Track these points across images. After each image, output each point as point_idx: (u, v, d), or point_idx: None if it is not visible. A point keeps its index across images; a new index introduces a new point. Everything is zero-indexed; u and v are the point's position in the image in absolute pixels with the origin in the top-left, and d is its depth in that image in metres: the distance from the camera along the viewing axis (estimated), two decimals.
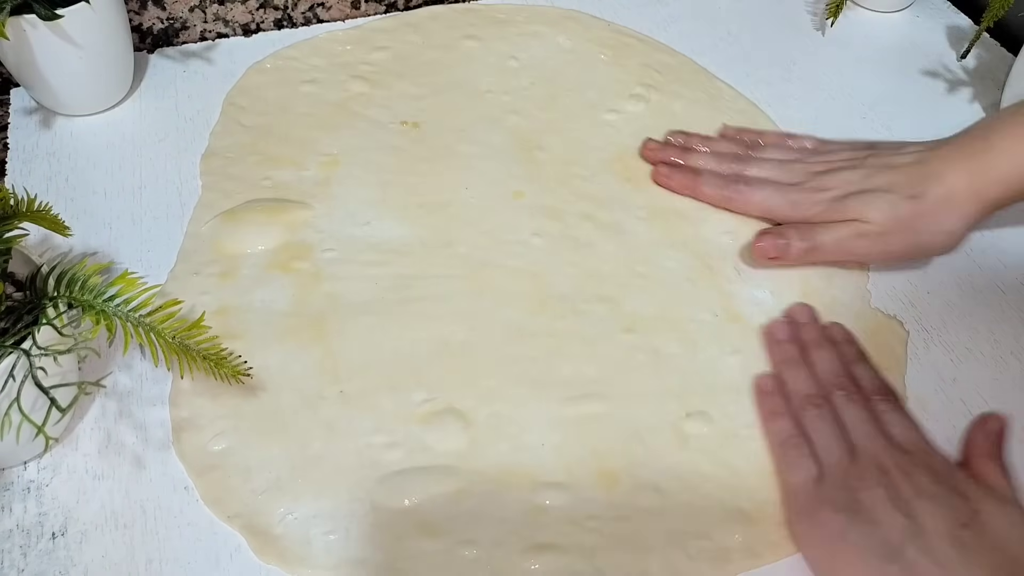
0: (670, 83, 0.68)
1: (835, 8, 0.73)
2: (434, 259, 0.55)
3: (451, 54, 0.69)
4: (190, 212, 0.56)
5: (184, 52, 0.68)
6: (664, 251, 0.56)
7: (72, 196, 0.57)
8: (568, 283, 0.54)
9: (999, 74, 0.71)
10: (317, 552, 0.42)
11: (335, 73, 0.67)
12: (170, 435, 0.46)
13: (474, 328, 0.51)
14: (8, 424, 0.39)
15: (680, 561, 0.42)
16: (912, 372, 0.51)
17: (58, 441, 0.45)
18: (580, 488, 0.45)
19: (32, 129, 0.61)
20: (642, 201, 0.59)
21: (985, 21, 0.68)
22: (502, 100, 0.66)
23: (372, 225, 0.56)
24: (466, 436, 0.46)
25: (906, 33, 0.76)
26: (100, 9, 0.56)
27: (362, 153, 0.61)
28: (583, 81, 0.68)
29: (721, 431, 0.48)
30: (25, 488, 0.43)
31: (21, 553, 0.41)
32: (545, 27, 0.72)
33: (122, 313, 0.41)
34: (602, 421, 0.47)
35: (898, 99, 0.69)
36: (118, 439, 0.45)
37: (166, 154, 0.60)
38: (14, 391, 0.39)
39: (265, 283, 0.52)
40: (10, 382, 0.38)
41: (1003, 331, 0.54)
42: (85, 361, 0.46)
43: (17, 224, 0.42)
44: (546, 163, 0.61)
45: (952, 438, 0.49)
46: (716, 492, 0.45)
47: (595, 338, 0.51)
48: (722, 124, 0.63)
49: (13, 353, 0.39)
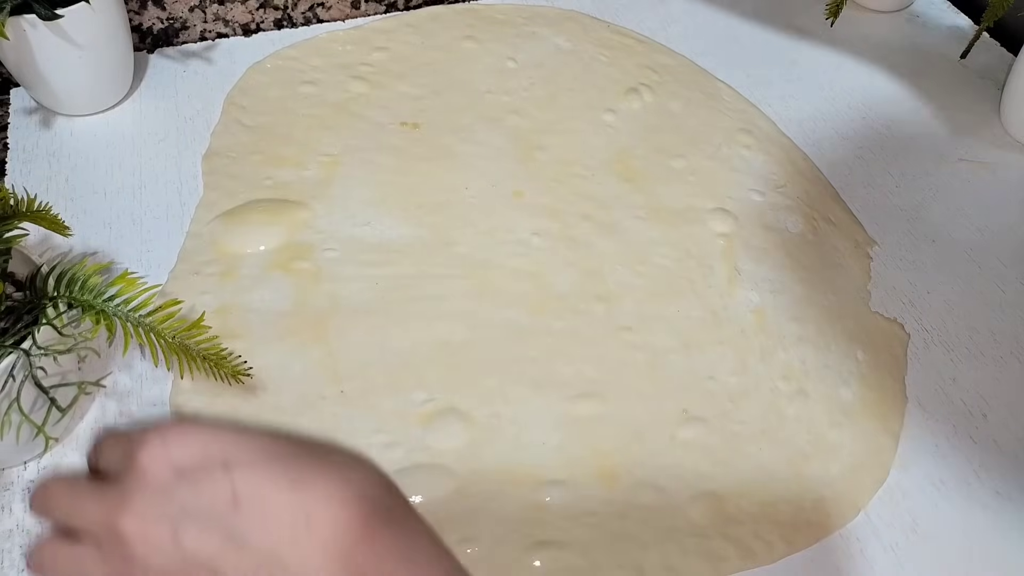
0: (669, 83, 0.68)
1: (835, 8, 0.73)
2: (434, 259, 0.55)
3: (451, 54, 0.69)
4: (190, 212, 0.56)
5: (184, 52, 0.68)
6: (663, 251, 0.56)
7: (72, 196, 0.57)
8: (567, 283, 0.54)
9: (999, 74, 0.71)
10: None
11: (335, 73, 0.67)
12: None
13: (474, 328, 0.51)
14: (8, 424, 0.39)
15: (676, 558, 0.43)
16: (912, 372, 0.51)
17: (58, 441, 0.45)
18: (580, 486, 0.45)
19: (32, 129, 0.61)
20: (641, 201, 0.59)
21: (985, 21, 0.68)
22: (502, 100, 0.66)
23: (372, 225, 0.56)
24: (466, 435, 0.46)
25: (906, 33, 0.76)
26: (100, 9, 0.56)
27: (362, 153, 0.61)
28: (582, 81, 0.68)
29: (719, 430, 0.48)
30: (25, 488, 0.43)
31: (21, 553, 0.41)
32: (545, 28, 0.72)
33: (122, 313, 0.41)
34: (602, 420, 0.48)
35: (898, 99, 0.69)
36: None
37: (166, 154, 0.60)
38: (14, 391, 0.38)
39: (265, 283, 0.52)
40: (10, 382, 0.38)
41: (1003, 331, 0.54)
42: (85, 361, 0.46)
43: (17, 224, 0.42)
44: (546, 163, 0.61)
45: (952, 438, 0.49)
46: (714, 491, 0.45)
47: (594, 337, 0.51)
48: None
49: (13, 353, 0.39)
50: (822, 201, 0.61)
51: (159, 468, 0.31)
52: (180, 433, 0.31)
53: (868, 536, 0.45)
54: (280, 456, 0.31)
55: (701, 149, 0.63)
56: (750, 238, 0.57)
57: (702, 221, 0.58)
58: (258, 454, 0.31)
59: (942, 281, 0.57)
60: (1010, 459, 0.48)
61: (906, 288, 0.56)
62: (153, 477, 0.31)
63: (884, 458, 0.48)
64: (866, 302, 0.55)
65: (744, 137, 0.65)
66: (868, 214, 0.60)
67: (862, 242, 0.59)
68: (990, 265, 0.58)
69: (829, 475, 0.47)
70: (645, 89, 0.67)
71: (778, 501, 0.45)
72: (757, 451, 0.47)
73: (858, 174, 0.63)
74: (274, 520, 0.30)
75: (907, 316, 0.54)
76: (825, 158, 0.64)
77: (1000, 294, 0.56)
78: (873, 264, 0.57)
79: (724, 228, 0.58)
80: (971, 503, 0.46)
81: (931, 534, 0.45)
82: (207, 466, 0.31)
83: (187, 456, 0.31)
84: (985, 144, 0.66)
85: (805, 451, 0.47)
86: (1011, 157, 0.65)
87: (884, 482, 0.47)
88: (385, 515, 0.31)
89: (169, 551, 0.30)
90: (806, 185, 0.62)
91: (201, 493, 0.30)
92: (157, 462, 0.31)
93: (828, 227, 0.59)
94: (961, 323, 0.54)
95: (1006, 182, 0.63)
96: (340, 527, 0.29)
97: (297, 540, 0.30)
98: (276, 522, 0.30)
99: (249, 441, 0.31)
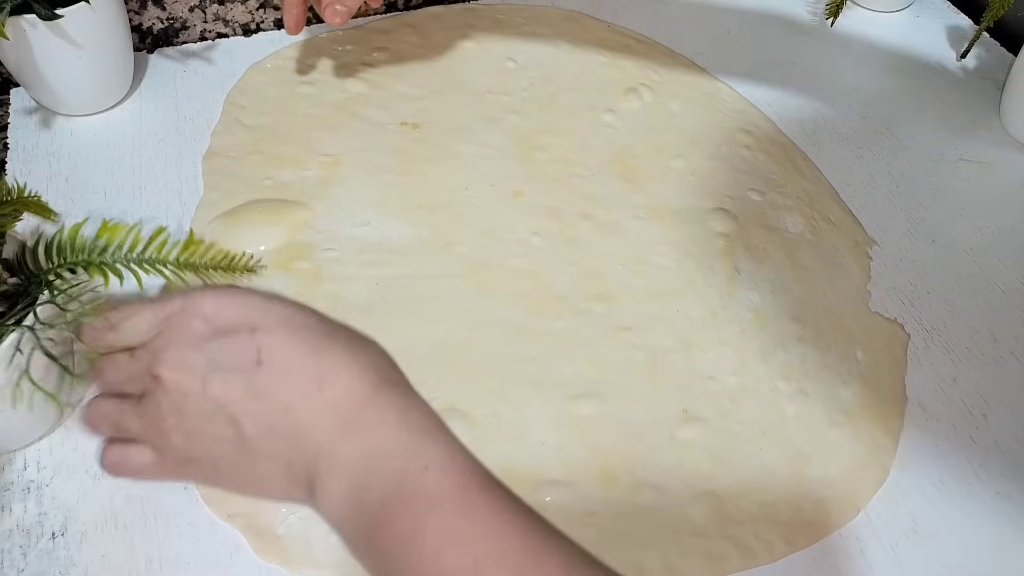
0: (669, 83, 0.68)
1: (835, 8, 0.73)
2: (434, 259, 0.55)
3: (451, 54, 0.69)
4: (190, 212, 0.56)
5: (184, 52, 0.68)
6: (663, 251, 0.56)
7: (72, 196, 0.57)
8: (567, 282, 0.54)
9: (999, 74, 0.71)
10: (319, 551, 0.42)
11: (335, 73, 0.67)
12: None
13: (474, 328, 0.51)
14: (20, 394, 0.39)
15: (676, 558, 0.43)
16: (912, 372, 0.51)
17: (72, 408, 0.45)
18: (580, 486, 0.45)
19: (32, 129, 0.61)
20: (641, 201, 0.59)
21: (985, 21, 0.68)
22: (502, 100, 0.66)
23: (372, 225, 0.56)
24: (466, 435, 0.46)
25: (906, 33, 0.76)
26: (100, 9, 0.56)
27: (362, 153, 0.61)
28: (582, 81, 0.68)
29: (719, 430, 0.48)
30: (25, 488, 0.43)
31: (21, 553, 0.41)
32: (545, 28, 0.72)
33: (121, 259, 0.41)
34: (602, 420, 0.48)
35: (898, 99, 0.69)
36: None
37: (166, 154, 0.60)
38: (24, 363, 0.39)
39: (266, 283, 0.52)
40: (18, 355, 0.39)
41: (1003, 331, 0.54)
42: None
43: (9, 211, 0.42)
44: (545, 163, 0.61)
45: (952, 438, 0.49)
46: (714, 491, 0.45)
47: (594, 337, 0.51)
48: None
49: (17, 330, 0.39)
50: (821, 201, 0.61)
51: (194, 323, 0.35)
52: (215, 295, 0.35)
53: (868, 536, 0.45)
54: (302, 326, 0.35)
55: (701, 149, 0.63)
56: (750, 238, 0.57)
57: (702, 221, 0.58)
58: (282, 322, 0.34)
59: (942, 281, 0.57)
60: (1010, 459, 0.48)
61: (906, 288, 0.56)
62: (189, 331, 0.35)
63: (884, 458, 0.48)
64: (866, 302, 0.55)
65: (744, 137, 0.65)
66: (868, 214, 0.60)
67: (862, 242, 0.59)
68: (990, 265, 0.58)
69: (829, 475, 0.47)
70: (645, 89, 0.67)
71: (778, 501, 0.45)
72: (757, 451, 0.47)
73: (858, 174, 0.63)
74: (291, 379, 0.33)
75: (907, 316, 0.54)
76: (825, 158, 0.64)
77: (1000, 294, 0.56)
78: (873, 264, 0.57)
79: (724, 228, 0.58)
80: (971, 503, 0.46)
81: (931, 534, 0.45)
82: (237, 327, 0.34)
83: (219, 315, 0.35)
84: (985, 144, 0.66)
85: (805, 451, 0.47)
86: (1011, 157, 0.65)
87: (884, 482, 0.47)
88: (389, 383, 0.34)
89: (197, 397, 0.34)
90: (806, 185, 0.62)
91: (229, 350, 0.34)
92: (193, 319, 0.35)
93: (828, 227, 0.59)
94: (961, 323, 0.54)
95: (1006, 182, 0.63)
96: (351, 390, 0.33)
97: (309, 398, 0.33)
98: (293, 381, 0.33)
99: (275, 309, 0.35)
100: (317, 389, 0.33)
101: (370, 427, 0.32)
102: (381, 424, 0.32)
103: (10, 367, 0.39)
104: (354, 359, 0.34)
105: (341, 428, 0.32)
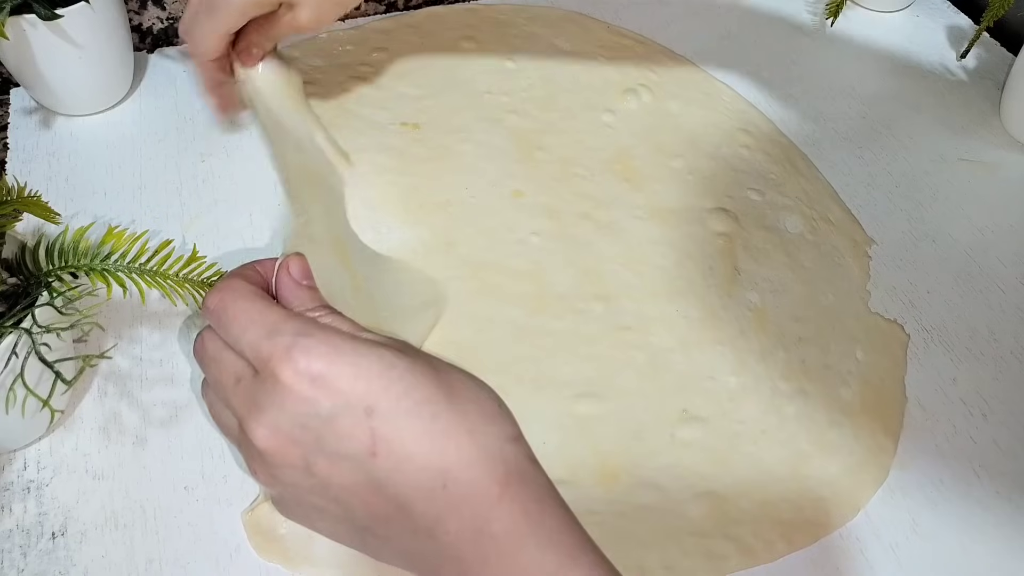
0: (668, 83, 0.68)
1: (835, 8, 0.73)
2: (434, 259, 0.55)
3: (451, 54, 0.69)
4: (191, 212, 0.56)
5: (184, 52, 0.68)
6: (663, 250, 0.56)
7: (72, 196, 0.57)
8: (567, 282, 0.54)
9: (999, 74, 0.71)
10: (319, 551, 0.42)
11: (335, 73, 0.67)
12: (171, 435, 0.46)
13: (474, 328, 0.51)
14: (13, 399, 0.39)
15: (676, 558, 0.43)
16: (912, 372, 0.51)
17: (63, 413, 0.45)
18: (581, 485, 0.45)
19: (32, 129, 0.61)
20: (641, 200, 0.59)
21: (985, 21, 0.68)
22: (501, 100, 0.66)
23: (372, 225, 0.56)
24: None
25: (906, 33, 0.76)
26: (100, 9, 0.56)
27: (362, 153, 0.61)
28: (582, 82, 0.68)
29: (719, 430, 0.48)
30: (25, 488, 0.43)
31: (21, 553, 0.41)
32: (545, 28, 0.72)
33: (124, 268, 0.41)
34: (602, 419, 0.48)
35: (898, 99, 0.70)
36: (118, 439, 0.45)
37: (166, 154, 0.60)
38: (18, 367, 0.39)
39: None
40: (13, 359, 0.39)
41: (1003, 331, 0.54)
42: (89, 335, 0.46)
43: (9, 211, 0.42)
44: (545, 163, 0.61)
45: (952, 438, 0.49)
46: (714, 490, 0.45)
47: (594, 337, 0.51)
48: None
49: (13, 332, 0.39)
50: (821, 201, 0.61)
51: (298, 384, 0.30)
52: (327, 351, 0.31)
53: (868, 536, 0.45)
54: (422, 400, 0.31)
55: (700, 149, 0.63)
56: (749, 238, 0.57)
57: (701, 221, 0.58)
58: (401, 398, 0.30)
59: (942, 281, 0.57)
60: (1010, 459, 0.48)
61: (906, 288, 0.56)
62: (291, 393, 0.30)
63: (884, 458, 0.48)
64: (866, 302, 0.55)
65: (743, 137, 0.65)
66: (868, 214, 0.60)
67: (861, 242, 0.59)
68: (990, 265, 0.58)
69: (829, 475, 0.47)
70: (644, 89, 0.67)
71: (778, 501, 0.45)
72: (757, 451, 0.47)
73: (858, 174, 0.63)
74: (411, 473, 0.30)
75: (907, 316, 0.54)
76: (825, 158, 0.64)
77: (1000, 294, 0.56)
78: (873, 264, 0.57)
79: (723, 228, 0.58)
80: (971, 503, 0.46)
81: (931, 534, 0.45)
82: (349, 403, 0.30)
83: (328, 382, 0.30)
84: (985, 144, 0.66)
85: (805, 451, 0.47)
86: (1011, 157, 0.65)
87: (884, 482, 0.47)
88: (518, 478, 0.31)
89: (298, 472, 0.31)
90: (805, 185, 0.62)
91: (340, 433, 0.30)
92: (299, 379, 0.30)
93: (827, 227, 0.59)
94: (961, 323, 0.54)
95: (1006, 182, 0.64)
96: (477, 488, 0.30)
97: (433, 497, 0.30)
98: (412, 475, 0.30)
99: (395, 384, 0.30)
100: (441, 486, 0.30)
101: (500, 542, 0.30)
102: (513, 538, 0.30)
103: (4, 371, 0.39)
104: (481, 449, 0.30)
105: (470, 538, 0.29)
